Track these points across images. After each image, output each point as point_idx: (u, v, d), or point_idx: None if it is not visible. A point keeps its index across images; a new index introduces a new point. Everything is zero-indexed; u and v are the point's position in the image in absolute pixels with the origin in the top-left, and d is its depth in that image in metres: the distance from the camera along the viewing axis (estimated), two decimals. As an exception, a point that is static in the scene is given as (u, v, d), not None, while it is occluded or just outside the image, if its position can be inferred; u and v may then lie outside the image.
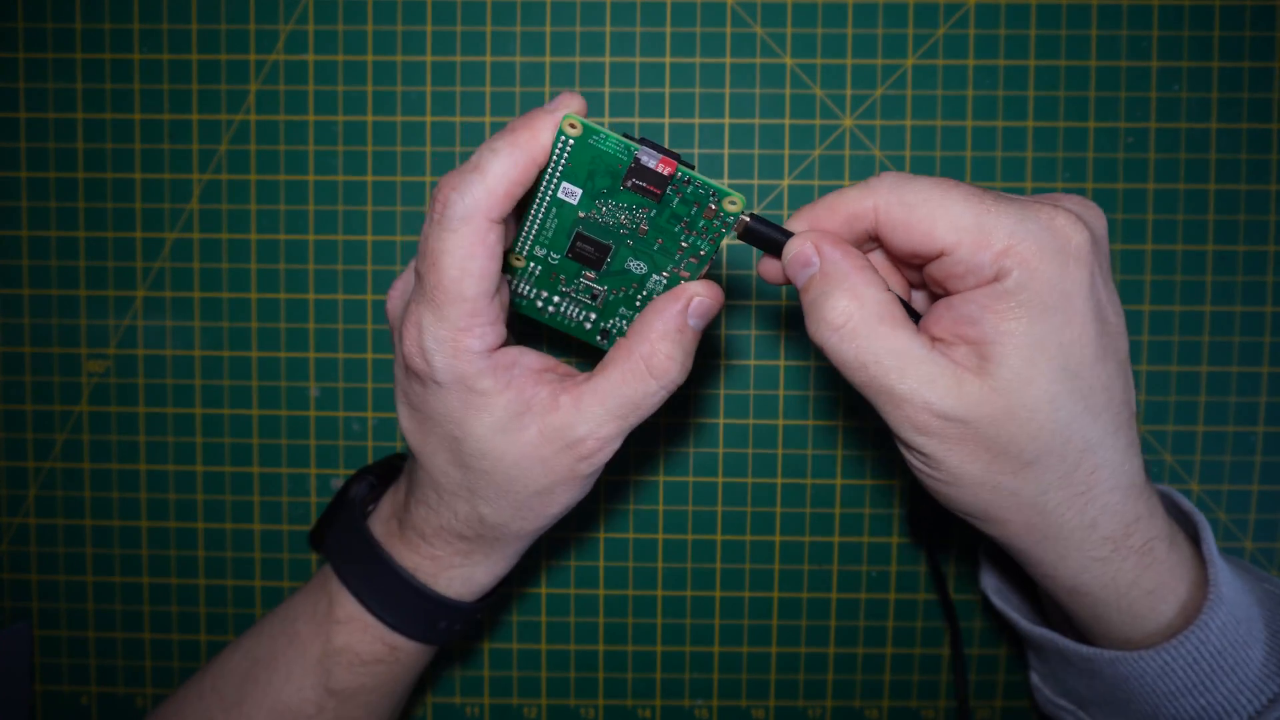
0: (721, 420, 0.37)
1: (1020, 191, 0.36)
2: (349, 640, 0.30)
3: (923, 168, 0.36)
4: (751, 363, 0.37)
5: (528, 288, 0.29)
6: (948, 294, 0.24)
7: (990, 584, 0.33)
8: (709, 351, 0.37)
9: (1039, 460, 0.23)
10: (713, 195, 0.25)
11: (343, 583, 0.29)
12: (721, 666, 0.38)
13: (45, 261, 0.37)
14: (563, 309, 0.29)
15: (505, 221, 0.25)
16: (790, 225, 0.26)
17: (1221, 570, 0.25)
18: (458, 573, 0.29)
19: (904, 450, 0.25)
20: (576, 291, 0.28)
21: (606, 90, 0.36)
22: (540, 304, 0.29)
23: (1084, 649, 0.27)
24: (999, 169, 0.36)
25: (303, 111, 0.37)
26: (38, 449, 0.38)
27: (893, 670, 0.38)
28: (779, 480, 0.38)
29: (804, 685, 0.38)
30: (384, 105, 0.37)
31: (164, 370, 0.38)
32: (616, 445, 0.27)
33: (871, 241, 0.26)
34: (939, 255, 0.24)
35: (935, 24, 0.36)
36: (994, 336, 0.23)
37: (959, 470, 0.24)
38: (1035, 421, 0.23)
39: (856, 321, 0.24)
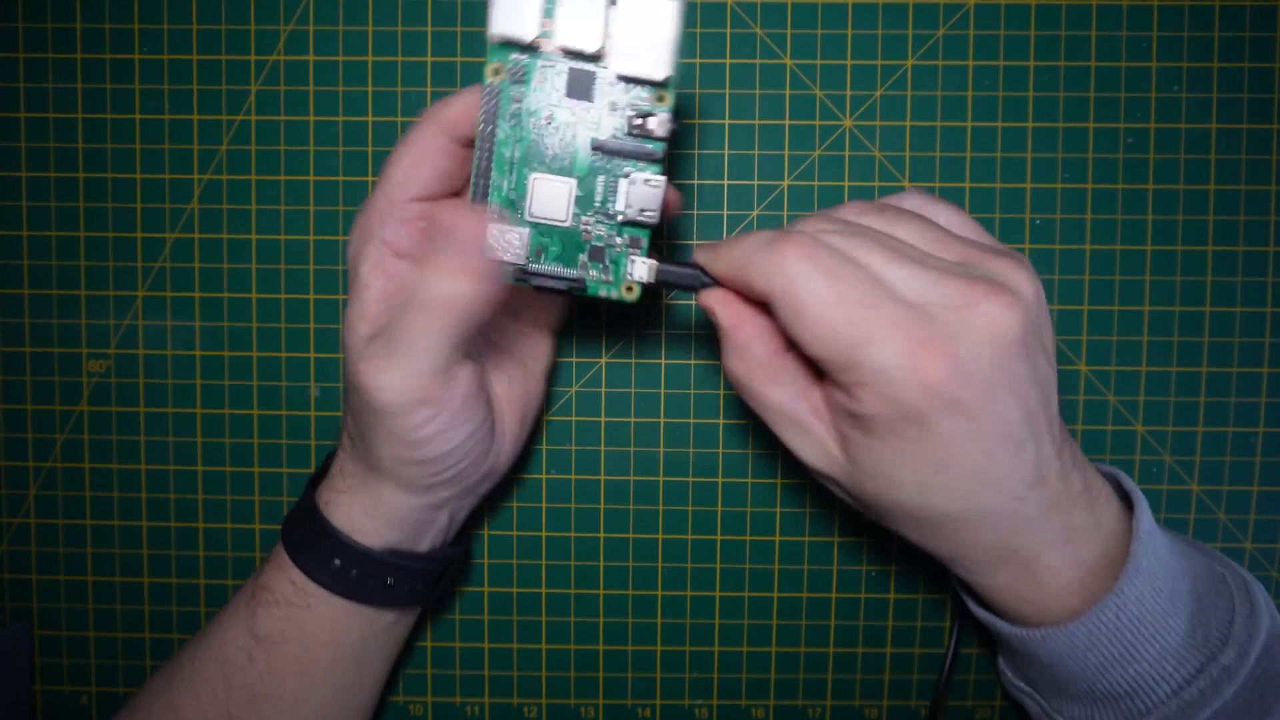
0: (721, 420, 0.38)
1: (1020, 191, 0.36)
2: (269, 578, 0.30)
3: (923, 168, 0.36)
4: (751, 363, 0.37)
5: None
6: None
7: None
8: (709, 351, 0.37)
9: (889, 516, 0.27)
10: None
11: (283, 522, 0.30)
12: (721, 666, 0.38)
13: (45, 261, 0.37)
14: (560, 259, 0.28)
15: (463, 150, 0.27)
16: (701, 264, 0.28)
17: (1148, 547, 0.26)
18: (343, 500, 0.29)
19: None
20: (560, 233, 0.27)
21: (607, 90, 0.36)
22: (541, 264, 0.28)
23: (1016, 630, 0.28)
24: (999, 169, 0.36)
25: (303, 112, 0.37)
26: (38, 449, 0.38)
27: (892, 669, 0.38)
28: (778, 480, 0.38)
29: (804, 684, 0.38)
30: (384, 106, 0.37)
31: (164, 370, 0.38)
32: (399, 384, 0.25)
33: None
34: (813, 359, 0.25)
35: (935, 25, 0.36)
36: (850, 437, 0.26)
37: (840, 498, 0.28)
38: (879, 501, 0.26)
39: (744, 380, 0.27)
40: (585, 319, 0.37)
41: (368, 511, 0.29)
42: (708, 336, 0.37)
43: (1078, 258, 0.36)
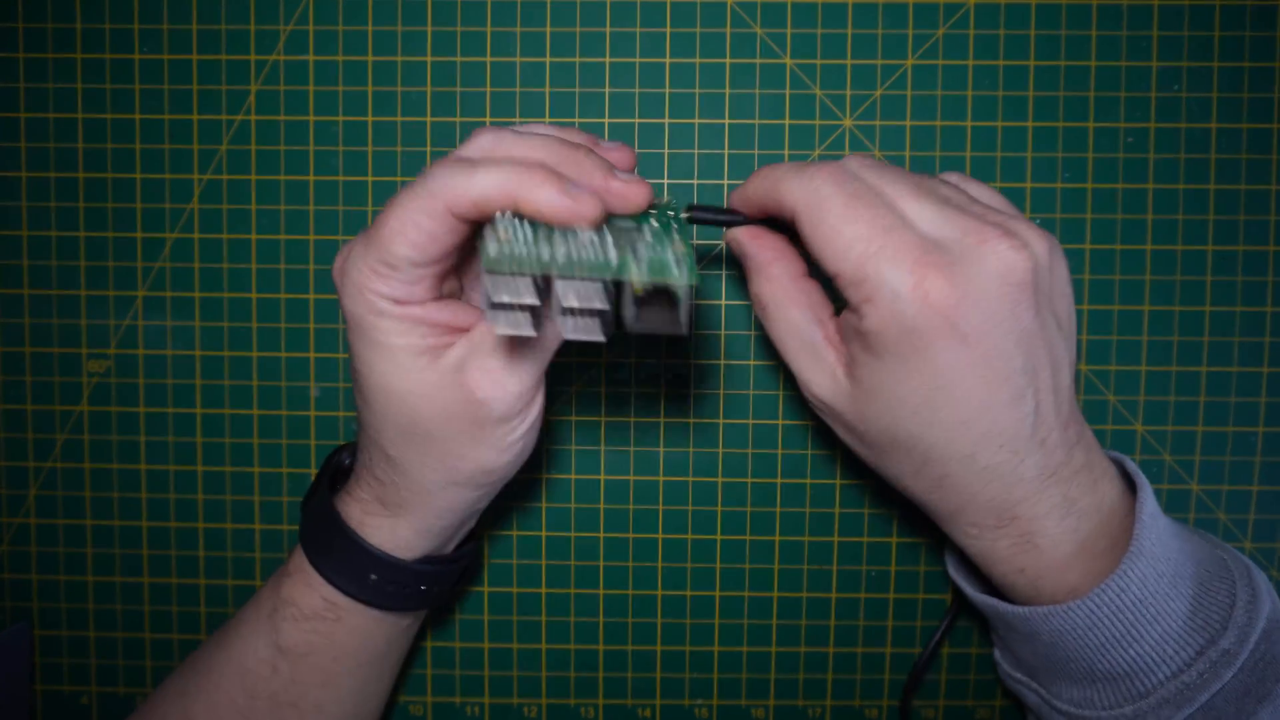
0: (721, 420, 0.38)
1: (1020, 191, 0.36)
2: (293, 592, 0.30)
3: (923, 168, 0.36)
4: (751, 363, 0.37)
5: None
6: None
7: (951, 558, 0.34)
8: (709, 352, 0.37)
9: (889, 452, 0.27)
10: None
11: (301, 534, 0.30)
12: (721, 666, 0.38)
13: (45, 261, 0.37)
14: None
15: (463, 237, 0.25)
16: (739, 197, 0.30)
17: (1151, 530, 0.26)
18: (382, 522, 0.29)
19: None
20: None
21: (607, 90, 0.37)
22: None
23: (1018, 609, 0.28)
24: (999, 169, 0.36)
25: (303, 112, 0.37)
26: (38, 449, 0.38)
27: (892, 669, 0.38)
28: (779, 480, 0.38)
29: (804, 684, 0.38)
30: (384, 105, 0.37)
31: (164, 370, 0.38)
32: (519, 390, 0.27)
33: None
34: (828, 273, 0.26)
35: (935, 24, 0.36)
36: (856, 357, 0.26)
37: (842, 437, 0.29)
38: (878, 427, 0.27)
39: (768, 299, 0.29)
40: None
41: (413, 526, 0.29)
42: (708, 336, 0.37)
43: (1078, 257, 0.37)
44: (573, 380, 0.38)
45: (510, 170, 0.24)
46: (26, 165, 0.37)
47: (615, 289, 0.24)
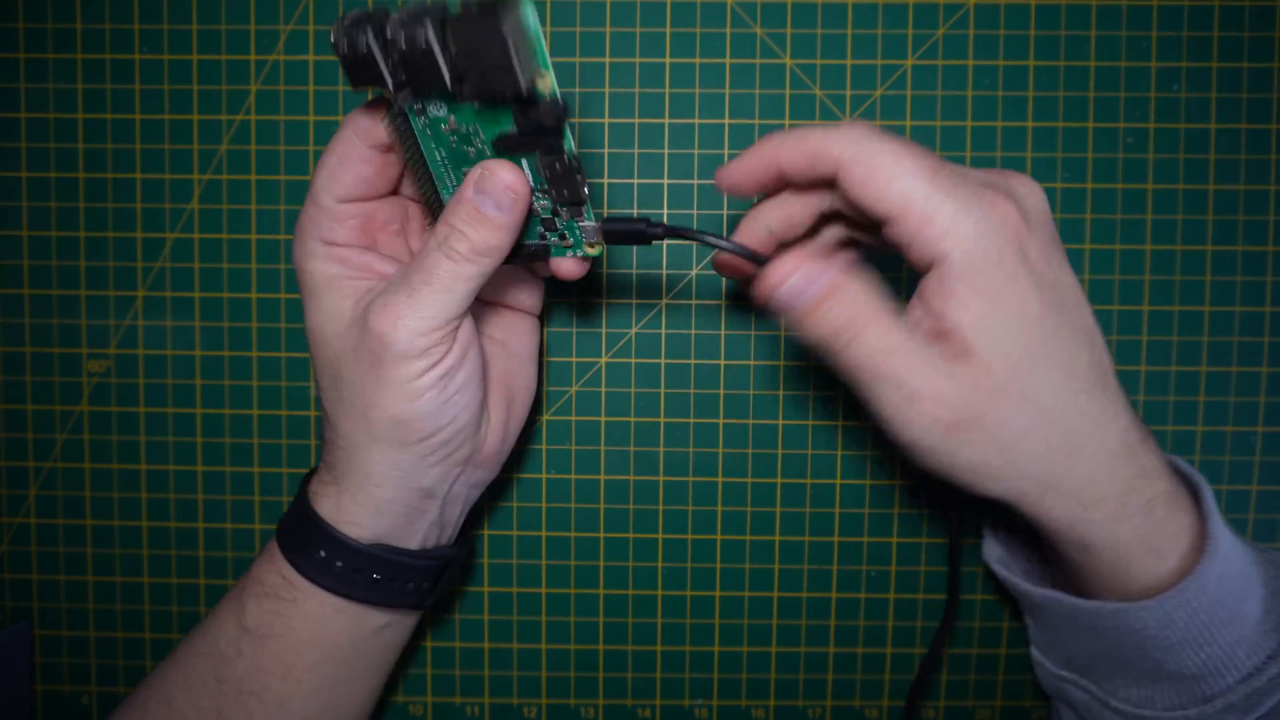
0: (721, 420, 0.38)
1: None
2: (259, 568, 0.30)
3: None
4: (751, 363, 0.38)
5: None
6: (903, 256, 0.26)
7: (993, 554, 0.34)
8: (709, 351, 0.38)
9: (1027, 433, 0.25)
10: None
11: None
12: (721, 666, 0.39)
13: (46, 261, 0.38)
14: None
15: (382, 156, 0.28)
16: (750, 158, 0.28)
17: (1220, 527, 0.26)
18: (329, 491, 0.29)
19: (904, 445, 0.26)
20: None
21: (607, 90, 0.37)
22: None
23: (1090, 603, 0.28)
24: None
25: (303, 112, 0.37)
26: (38, 449, 0.38)
27: (893, 670, 0.38)
28: (779, 480, 0.38)
29: (804, 685, 0.39)
30: (384, 105, 0.37)
31: (164, 370, 0.38)
32: (414, 328, 0.26)
33: (822, 187, 0.28)
34: (886, 220, 0.25)
35: (935, 25, 0.36)
36: (962, 322, 0.25)
37: (959, 454, 0.25)
38: (1019, 395, 0.25)
39: (846, 329, 0.25)
40: (585, 319, 0.38)
41: (354, 498, 0.29)
42: (708, 336, 0.38)
43: (1077, 257, 0.37)
44: (573, 381, 0.38)
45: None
46: (26, 165, 0.38)
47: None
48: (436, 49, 0.23)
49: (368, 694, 0.33)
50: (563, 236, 0.29)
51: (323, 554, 0.29)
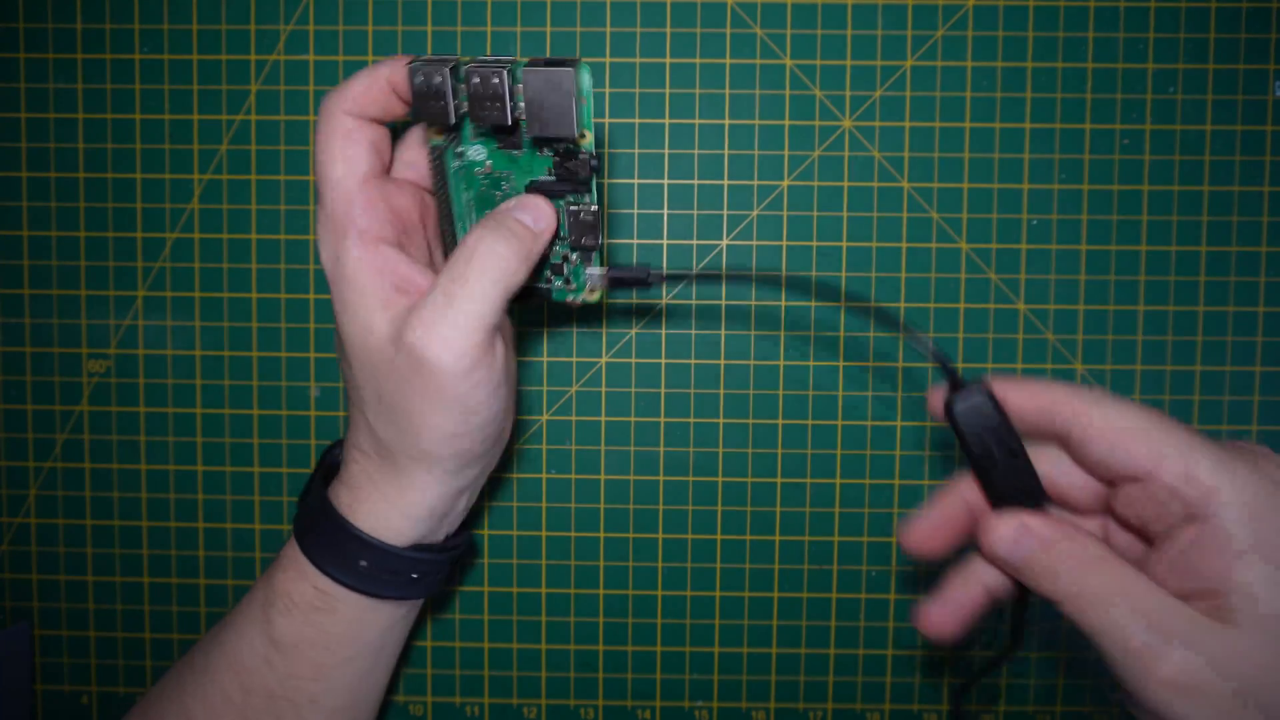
0: (721, 420, 0.39)
1: (1017, 192, 0.38)
2: (286, 584, 0.30)
3: (921, 169, 0.38)
4: (751, 363, 0.39)
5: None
6: (1136, 529, 0.25)
7: None
8: (709, 351, 0.39)
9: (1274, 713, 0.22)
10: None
11: (294, 526, 0.31)
12: (722, 668, 0.40)
13: (46, 261, 0.39)
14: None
15: (378, 129, 0.29)
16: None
17: None
18: (371, 506, 0.30)
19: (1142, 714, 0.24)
20: None
21: (607, 91, 0.38)
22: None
23: None
24: (996, 170, 0.38)
25: (303, 111, 0.39)
26: (38, 449, 0.40)
27: (894, 673, 0.40)
28: (779, 480, 0.39)
29: (804, 687, 0.40)
30: (384, 105, 0.39)
31: (164, 370, 0.39)
32: (460, 347, 0.26)
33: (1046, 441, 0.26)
34: (1132, 478, 0.24)
35: (934, 26, 0.38)
36: (1232, 584, 0.22)
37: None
38: None
39: (1098, 598, 0.24)
40: (585, 319, 0.39)
41: (399, 509, 0.30)
42: (708, 336, 0.39)
43: (1073, 258, 0.38)
44: (573, 381, 0.40)
45: (372, 65, 0.28)
46: (26, 165, 0.39)
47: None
48: (506, 92, 0.27)
49: (388, 673, 0.35)
50: (567, 281, 0.32)
51: (364, 564, 0.30)
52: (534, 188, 0.30)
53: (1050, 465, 0.26)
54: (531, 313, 0.39)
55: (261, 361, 0.39)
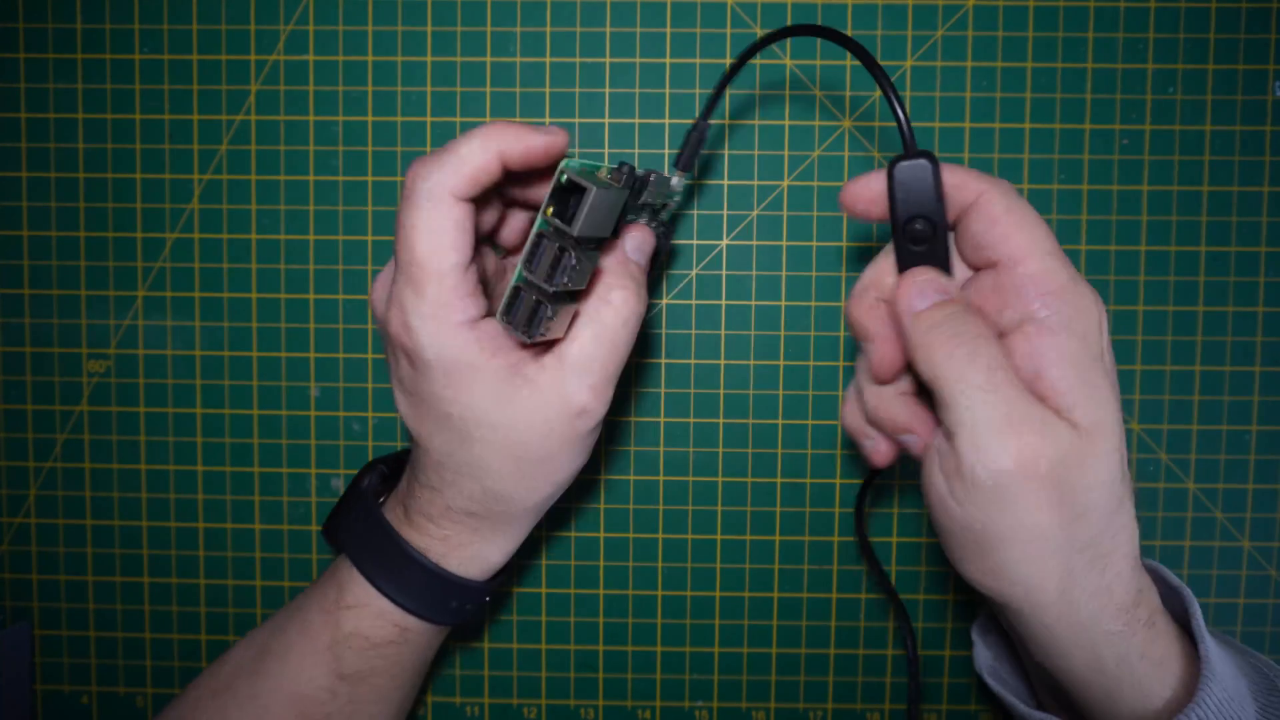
0: (721, 420, 0.40)
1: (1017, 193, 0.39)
2: (358, 625, 0.32)
3: (921, 168, 0.39)
4: (751, 363, 0.39)
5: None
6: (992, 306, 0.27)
7: (984, 665, 0.34)
8: (709, 351, 0.40)
9: (1088, 512, 0.25)
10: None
11: (357, 568, 0.31)
12: (722, 668, 0.40)
13: (46, 261, 0.39)
14: None
15: (476, 206, 0.28)
16: (879, 180, 0.28)
17: (1211, 646, 0.27)
18: (469, 552, 0.31)
19: (958, 508, 0.26)
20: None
21: (607, 91, 0.39)
22: None
23: None
24: (996, 170, 0.38)
25: (303, 112, 0.39)
26: (38, 449, 0.40)
27: (894, 673, 0.40)
28: (779, 480, 0.40)
29: (804, 687, 0.40)
30: (384, 105, 0.39)
31: (164, 370, 0.40)
32: (608, 395, 0.30)
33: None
34: (999, 262, 0.27)
35: (934, 26, 0.38)
36: (1064, 384, 0.25)
37: (1019, 522, 0.25)
38: (1100, 468, 0.25)
39: (982, 351, 0.26)
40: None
41: (498, 548, 0.32)
42: (708, 336, 0.40)
43: (1073, 258, 0.38)
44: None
45: (481, 133, 0.27)
46: (26, 165, 0.39)
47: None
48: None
49: (424, 679, 0.37)
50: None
51: (454, 604, 0.32)
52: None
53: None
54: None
55: (261, 361, 0.40)
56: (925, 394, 0.29)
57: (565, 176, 0.27)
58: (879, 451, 0.31)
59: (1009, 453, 0.25)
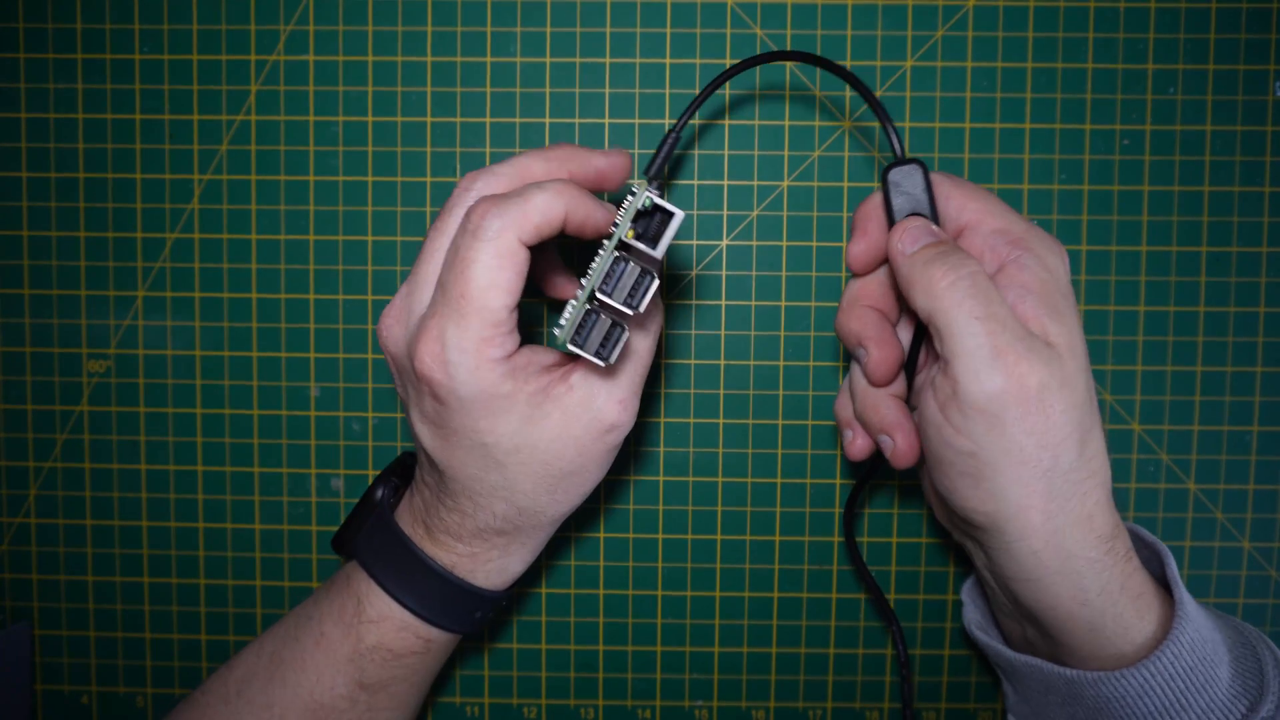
0: (721, 420, 0.40)
1: (1017, 192, 0.38)
2: (381, 638, 0.32)
3: (921, 169, 0.39)
4: (751, 363, 0.39)
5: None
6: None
7: (973, 619, 0.35)
8: (709, 351, 0.40)
9: (1068, 436, 0.27)
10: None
11: (378, 584, 0.32)
12: (721, 667, 0.40)
13: (46, 261, 0.40)
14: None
15: (530, 251, 0.28)
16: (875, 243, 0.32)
17: (1186, 594, 0.29)
18: (494, 565, 0.32)
19: (954, 434, 0.28)
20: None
21: (607, 91, 0.39)
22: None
23: (1070, 672, 0.30)
24: (996, 170, 0.38)
25: (303, 112, 0.39)
26: (38, 449, 0.40)
27: (894, 672, 0.40)
28: (779, 480, 0.40)
29: (804, 686, 0.40)
30: (384, 105, 0.39)
31: (164, 370, 0.40)
32: (635, 408, 0.31)
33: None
34: (963, 227, 0.30)
35: (934, 26, 0.38)
36: (1045, 312, 0.28)
37: (1011, 444, 0.27)
38: (1078, 390, 0.28)
39: (976, 283, 0.28)
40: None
41: (519, 559, 0.33)
42: (708, 336, 0.40)
43: (1073, 259, 0.39)
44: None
45: (555, 188, 0.28)
46: (26, 165, 0.39)
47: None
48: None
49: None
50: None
51: (479, 615, 0.33)
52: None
53: None
54: (532, 311, 0.40)
55: (261, 361, 0.40)
56: (916, 398, 0.31)
57: (650, 200, 0.28)
58: (855, 445, 0.33)
59: (1001, 374, 0.27)
